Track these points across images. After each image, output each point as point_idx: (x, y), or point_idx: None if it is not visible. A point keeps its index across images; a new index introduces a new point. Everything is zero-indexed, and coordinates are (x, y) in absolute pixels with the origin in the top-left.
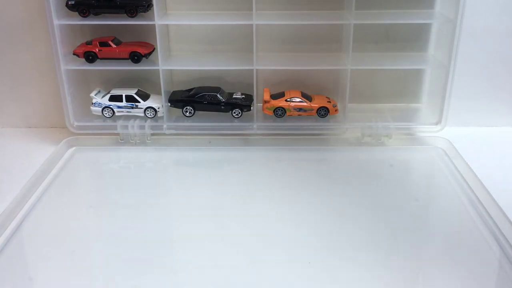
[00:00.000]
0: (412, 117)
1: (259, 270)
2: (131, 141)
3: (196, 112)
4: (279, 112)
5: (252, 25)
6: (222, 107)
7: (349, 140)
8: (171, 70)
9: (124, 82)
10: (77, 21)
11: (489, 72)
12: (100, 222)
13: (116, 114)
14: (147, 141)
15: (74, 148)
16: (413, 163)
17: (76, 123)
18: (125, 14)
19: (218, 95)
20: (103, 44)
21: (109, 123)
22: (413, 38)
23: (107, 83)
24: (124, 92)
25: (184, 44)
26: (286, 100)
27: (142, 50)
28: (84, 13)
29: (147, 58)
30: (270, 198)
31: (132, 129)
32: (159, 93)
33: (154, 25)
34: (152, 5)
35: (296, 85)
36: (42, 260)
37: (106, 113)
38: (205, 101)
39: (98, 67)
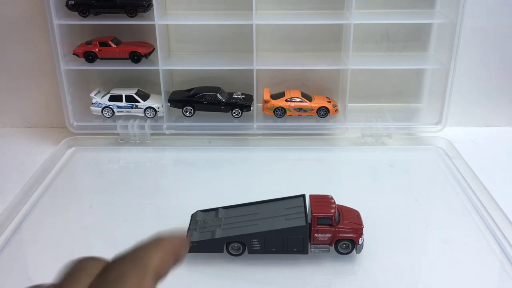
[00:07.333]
0: (412, 117)
1: (259, 268)
2: (131, 141)
3: (196, 112)
4: (279, 112)
5: (252, 25)
6: (222, 107)
7: (349, 140)
8: (171, 70)
9: (124, 82)
10: (77, 21)
11: (489, 72)
12: (100, 222)
13: (116, 114)
14: (147, 141)
15: (74, 148)
16: (413, 163)
17: (76, 123)
18: (125, 14)
19: (218, 95)
20: (103, 44)
21: (109, 123)
22: (413, 38)
23: (107, 83)
24: (124, 92)
25: (184, 44)
26: (286, 100)
27: (142, 50)
28: (84, 13)
29: (147, 58)
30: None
31: (132, 129)
32: (159, 93)
33: (154, 25)
34: (152, 5)
35: (296, 85)
36: (42, 260)
37: (106, 113)
38: (205, 101)
39: (98, 67)
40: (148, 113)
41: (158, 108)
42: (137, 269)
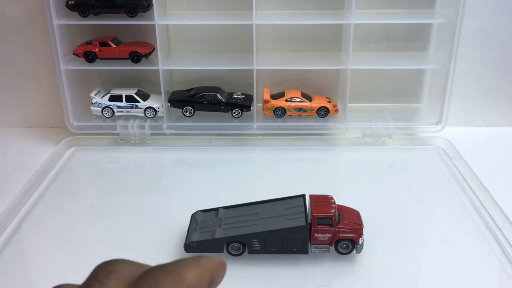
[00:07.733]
0: (412, 117)
1: (259, 268)
2: (131, 141)
3: (196, 112)
4: (279, 112)
5: (252, 25)
6: (222, 107)
7: (349, 140)
8: (171, 70)
9: (124, 82)
10: (77, 21)
11: (489, 72)
12: (100, 222)
13: (116, 114)
14: (147, 141)
15: (74, 148)
16: (413, 163)
17: (76, 123)
18: (125, 14)
19: (218, 95)
20: (103, 44)
21: (109, 123)
22: (413, 38)
23: (107, 83)
24: (124, 92)
25: (184, 44)
26: (286, 100)
27: (142, 50)
28: (84, 13)
29: (147, 58)
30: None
31: (132, 129)
32: (159, 93)
33: (154, 25)
34: (152, 5)
35: (296, 85)
36: (42, 260)
37: (106, 113)
38: (205, 101)
39: (98, 67)
40: (148, 113)
41: (158, 108)
42: (172, 281)
